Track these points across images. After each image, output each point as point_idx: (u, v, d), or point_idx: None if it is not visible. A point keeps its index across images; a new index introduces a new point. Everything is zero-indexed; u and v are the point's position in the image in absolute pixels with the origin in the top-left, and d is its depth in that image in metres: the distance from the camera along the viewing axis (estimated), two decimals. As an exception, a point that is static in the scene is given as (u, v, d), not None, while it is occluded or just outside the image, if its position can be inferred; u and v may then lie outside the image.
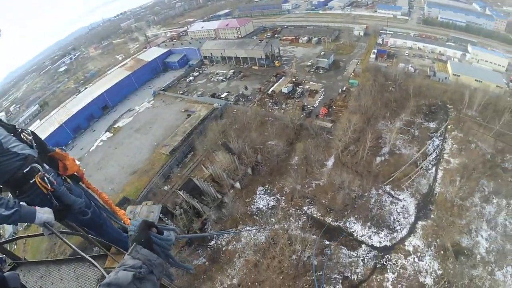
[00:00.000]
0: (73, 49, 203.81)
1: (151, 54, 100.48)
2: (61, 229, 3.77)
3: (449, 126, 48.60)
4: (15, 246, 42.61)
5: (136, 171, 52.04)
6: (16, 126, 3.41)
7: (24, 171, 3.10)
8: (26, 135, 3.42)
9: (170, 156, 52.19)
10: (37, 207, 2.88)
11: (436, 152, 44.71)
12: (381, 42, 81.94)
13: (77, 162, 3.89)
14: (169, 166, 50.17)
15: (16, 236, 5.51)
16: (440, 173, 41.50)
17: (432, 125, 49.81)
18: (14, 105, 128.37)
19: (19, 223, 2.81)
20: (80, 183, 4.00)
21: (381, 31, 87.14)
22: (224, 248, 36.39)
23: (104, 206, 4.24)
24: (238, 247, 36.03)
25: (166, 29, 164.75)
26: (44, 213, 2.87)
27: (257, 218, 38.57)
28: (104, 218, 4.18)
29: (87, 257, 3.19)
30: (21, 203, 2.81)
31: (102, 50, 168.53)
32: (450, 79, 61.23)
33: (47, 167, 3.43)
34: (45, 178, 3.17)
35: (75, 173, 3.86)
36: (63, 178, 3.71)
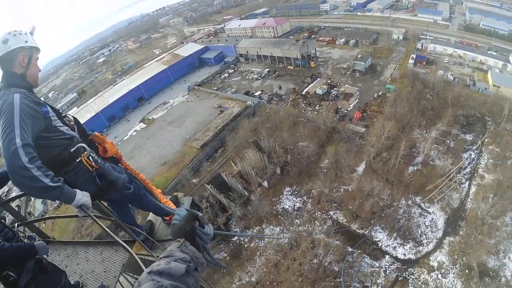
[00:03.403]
0: (112, 42, 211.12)
1: (188, 49, 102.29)
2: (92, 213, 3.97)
3: (486, 140, 46.53)
4: (43, 225, 44.46)
5: (167, 162, 53.33)
6: (60, 111, 3.62)
7: (71, 150, 3.32)
8: (68, 120, 3.66)
9: (200, 150, 52.99)
10: (77, 190, 2.98)
11: (470, 166, 43.01)
12: (420, 48, 79.37)
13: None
14: (199, 160, 51.01)
15: (47, 216, 5.78)
16: (473, 188, 39.63)
17: (469, 137, 47.78)
18: (53, 91, 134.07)
19: (52, 201, 2.93)
20: (119, 164, 4.24)
21: (420, 36, 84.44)
22: (246, 245, 36.64)
23: (142, 185, 4.52)
24: (260, 245, 36.18)
25: (203, 25, 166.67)
26: (83, 196, 2.97)
27: (282, 218, 38.49)
28: (143, 192, 4.40)
29: (121, 241, 3.29)
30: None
31: (140, 43, 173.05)
32: (490, 90, 58.32)
33: (89, 149, 3.61)
34: (91, 157, 3.44)
35: (114, 155, 4.10)
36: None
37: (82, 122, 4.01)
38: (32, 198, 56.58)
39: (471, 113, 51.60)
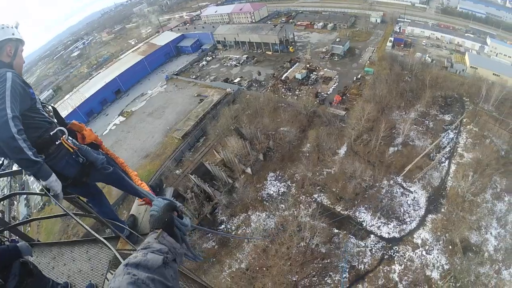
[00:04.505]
0: (85, 34, 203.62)
1: (164, 38, 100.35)
2: (74, 211, 3.86)
3: (464, 120, 47.56)
4: (29, 228, 43.73)
5: (149, 154, 52.53)
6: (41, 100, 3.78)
7: (51, 133, 3.50)
8: (48, 110, 3.82)
9: (182, 140, 52.41)
10: (53, 174, 3.18)
11: (450, 146, 43.95)
12: (398, 30, 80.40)
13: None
14: (181, 150, 50.40)
15: (30, 218, 5.63)
16: (453, 167, 40.80)
17: (447, 117, 48.89)
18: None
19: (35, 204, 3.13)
20: (99, 150, 4.35)
21: (398, 19, 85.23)
22: (233, 233, 36.79)
23: (120, 168, 4.68)
24: (248, 231, 36.41)
25: (179, 13, 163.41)
26: (56, 182, 3.18)
27: (267, 204, 38.60)
28: (122, 174, 4.52)
29: (100, 238, 3.24)
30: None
31: (115, 34, 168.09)
32: (467, 72, 59.69)
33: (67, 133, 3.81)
34: (69, 139, 3.66)
35: (94, 141, 4.24)
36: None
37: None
38: (15, 202, 55.26)
39: (449, 94, 52.68)
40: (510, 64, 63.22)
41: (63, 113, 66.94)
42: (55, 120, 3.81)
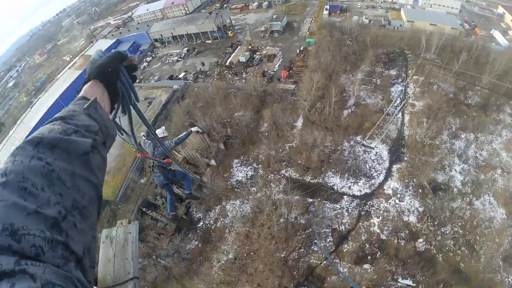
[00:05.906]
0: (17, 61, 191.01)
1: (99, 47, 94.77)
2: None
3: (409, 71, 49.45)
4: None
5: (109, 171, 50.15)
6: None
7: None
8: None
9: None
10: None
11: (400, 98, 45.66)
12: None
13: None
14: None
15: None
16: (406, 117, 42.77)
17: (393, 72, 50.87)
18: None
19: None
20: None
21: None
22: (213, 227, 36.38)
23: None
24: (226, 222, 36.17)
25: (110, 18, 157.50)
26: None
27: (238, 190, 38.51)
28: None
29: None
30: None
31: (48, 54, 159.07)
32: (405, 26, 62.41)
33: None
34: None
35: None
36: None
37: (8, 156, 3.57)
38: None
39: (391, 50, 54.91)
40: (445, 13, 66.30)
41: (11, 150, 63.21)
42: None
